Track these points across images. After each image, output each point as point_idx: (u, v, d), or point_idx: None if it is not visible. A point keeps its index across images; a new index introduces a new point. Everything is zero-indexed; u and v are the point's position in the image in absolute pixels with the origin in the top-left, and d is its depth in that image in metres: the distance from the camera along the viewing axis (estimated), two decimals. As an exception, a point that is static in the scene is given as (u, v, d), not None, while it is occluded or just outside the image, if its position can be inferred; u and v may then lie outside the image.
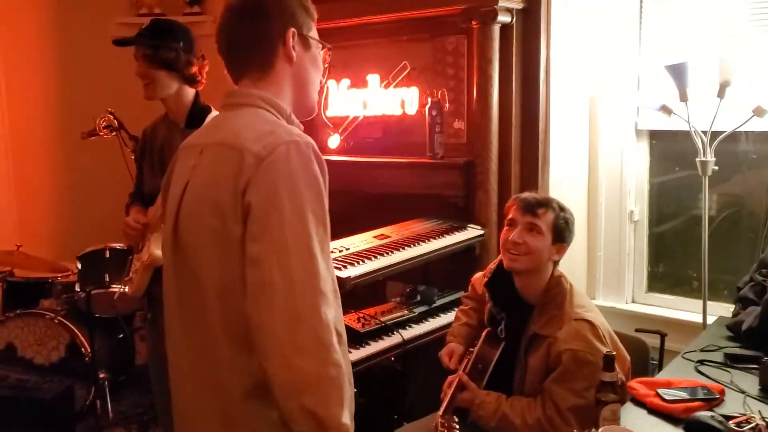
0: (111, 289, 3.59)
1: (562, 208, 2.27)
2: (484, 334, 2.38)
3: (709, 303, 3.07)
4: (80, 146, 3.48)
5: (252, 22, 1.53)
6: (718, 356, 2.32)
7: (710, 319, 3.01)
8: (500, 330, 2.34)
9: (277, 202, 1.36)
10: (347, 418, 1.36)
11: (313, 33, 1.60)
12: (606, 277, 3.50)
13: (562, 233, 2.24)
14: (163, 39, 2.55)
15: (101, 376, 3.58)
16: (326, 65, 1.65)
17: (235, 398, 1.43)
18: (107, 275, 3.63)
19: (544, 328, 2.18)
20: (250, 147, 1.39)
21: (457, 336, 2.50)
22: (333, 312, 1.37)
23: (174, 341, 1.58)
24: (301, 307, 1.32)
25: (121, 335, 3.92)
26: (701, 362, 2.27)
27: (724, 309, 3.14)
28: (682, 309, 3.32)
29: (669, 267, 3.50)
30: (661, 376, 2.19)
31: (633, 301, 3.50)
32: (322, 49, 1.63)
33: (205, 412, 1.50)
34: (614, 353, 1.83)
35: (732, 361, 2.26)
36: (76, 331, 3.60)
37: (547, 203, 2.25)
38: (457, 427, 1.96)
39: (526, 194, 2.32)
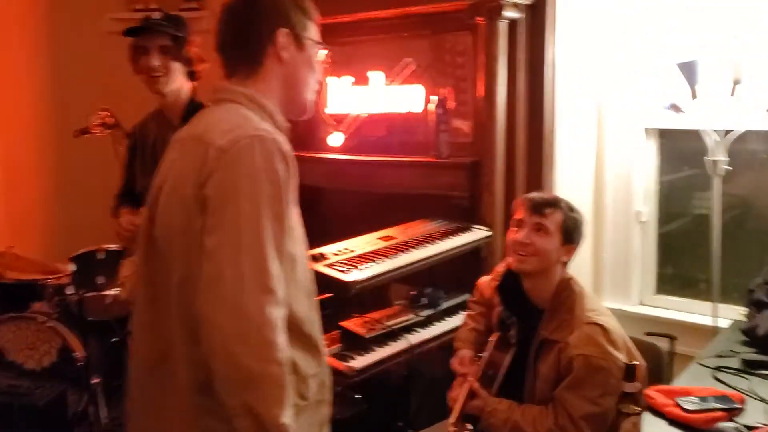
0: (104, 292, 3.50)
1: (571, 209, 2.21)
2: (494, 339, 2.31)
3: (719, 305, 3.00)
4: (73, 144, 3.39)
5: (243, 20, 1.56)
6: (735, 362, 2.25)
7: (721, 322, 2.95)
8: (511, 335, 2.27)
9: (234, 195, 1.37)
10: (287, 418, 1.36)
11: (310, 33, 1.61)
12: (613, 279, 3.43)
13: (571, 234, 2.19)
14: (185, 31, 2.50)
15: (94, 381, 3.48)
16: (325, 66, 1.65)
17: (188, 392, 1.45)
18: (101, 277, 3.53)
19: (554, 333, 2.12)
20: (216, 140, 1.42)
21: (465, 341, 2.43)
22: (281, 311, 1.37)
23: (139, 334, 1.60)
24: (248, 304, 1.33)
25: (114, 339, 3.81)
26: (718, 369, 2.20)
27: (735, 312, 3.08)
28: (692, 312, 3.25)
29: (677, 268, 3.43)
30: (677, 384, 2.12)
31: (641, 304, 3.43)
32: (320, 50, 1.63)
33: (159, 406, 1.52)
34: (636, 363, 1.76)
35: (750, 368, 2.19)
36: (68, 335, 3.50)
37: (555, 203, 2.20)
38: None
39: (534, 194, 2.27)
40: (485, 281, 2.52)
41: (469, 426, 2.06)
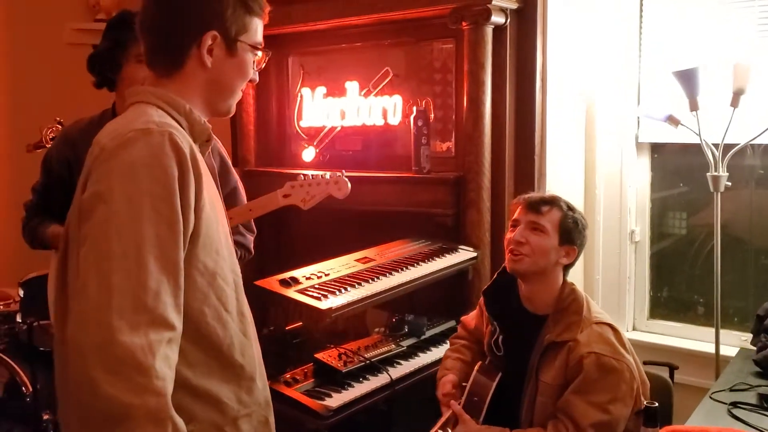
0: (56, 320, 3.21)
1: (570, 208, 2.07)
2: (477, 365, 2.13)
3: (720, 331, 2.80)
4: (27, 160, 3.15)
5: (166, 13, 1.36)
6: (750, 396, 2.05)
7: (723, 349, 2.75)
8: (495, 341, 2.08)
9: (107, 194, 1.18)
10: None
11: (250, 34, 1.39)
12: (605, 303, 3.21)
13: (570, 234, 2.02)
14: None
15: (45, 417, 3.18)
16: (258, 68, 1.45)
17: None
18: (53, 304, 3.25)
19: (563, 335, 1.94)
20: (102, 138, 1.26)
21: (451, 369, 2.23)
22: (163, 335, 1.16)
23: (58, 369, 1.36)
24: (115, 324, 1.12)
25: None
26: (734, 404, 1.99)
27: (736, 338, 2.90)
28: (690, 338, 3.05)
29: (673, 291, 3.23)
30: (692, 423, 1.91)
31: (634, 329, 3.22)
32: (258, 54, 1.42)
33: None
34: (656, 405, 1.54)
35: (769, 403, 1.99)
36: (16, 367, 3.21)
37: (552, 201, 2.06)
38: None
39: (532, 193, 2.13)
40: (468, 317, 2.36)
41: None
